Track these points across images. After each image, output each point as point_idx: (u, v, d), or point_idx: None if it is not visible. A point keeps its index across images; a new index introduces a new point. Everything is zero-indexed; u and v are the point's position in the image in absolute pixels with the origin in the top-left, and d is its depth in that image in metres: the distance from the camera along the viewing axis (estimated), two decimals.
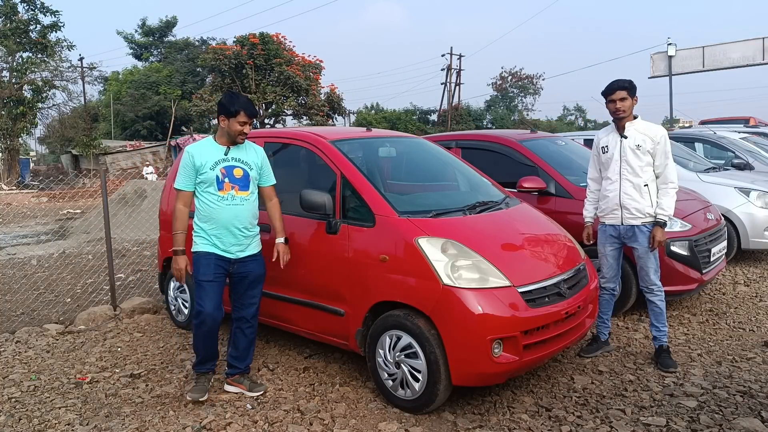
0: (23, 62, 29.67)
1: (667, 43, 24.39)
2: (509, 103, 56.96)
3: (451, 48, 40.25)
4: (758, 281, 6.22)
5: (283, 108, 29.71)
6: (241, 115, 3.43)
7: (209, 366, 3.70)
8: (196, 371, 3.69)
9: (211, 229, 3.47)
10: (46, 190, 22.05)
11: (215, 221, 3.46)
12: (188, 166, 3.43)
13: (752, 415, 3.25)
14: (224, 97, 3.52)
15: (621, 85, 3.87)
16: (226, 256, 3.52)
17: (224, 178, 3.46)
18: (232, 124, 3.45)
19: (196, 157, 3.43)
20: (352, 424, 3.28)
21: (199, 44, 44.24)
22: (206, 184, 3.44)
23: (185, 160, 3.45)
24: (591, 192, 4.25)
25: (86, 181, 27.93)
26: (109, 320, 5.39)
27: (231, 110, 3.42)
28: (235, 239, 3.52)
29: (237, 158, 3.52)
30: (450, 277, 3.16)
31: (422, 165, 4.75)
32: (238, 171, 3.51)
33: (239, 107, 3.43)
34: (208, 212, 3.46)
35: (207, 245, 3.48)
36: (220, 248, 3.50)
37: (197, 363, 3.68)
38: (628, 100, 3.87)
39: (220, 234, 3.48)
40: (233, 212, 3.48)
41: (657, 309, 3.97)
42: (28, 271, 7.93)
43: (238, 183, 3.50)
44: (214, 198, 3.45)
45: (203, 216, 3.48)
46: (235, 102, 3.45)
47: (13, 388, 3.90)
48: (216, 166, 3.44)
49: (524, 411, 3.37)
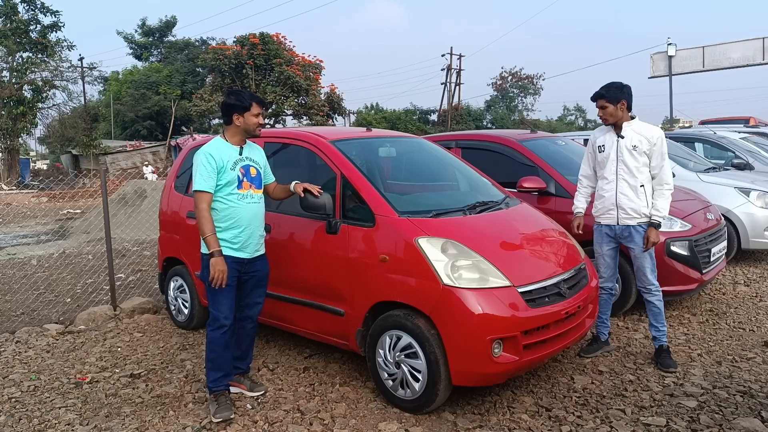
0: (23, 62, 29.67)
1: (667, 43, 24.38)
2: (509, 103, 56.94)
3: (451, 48, 40.30)
4: (758, 281, 6.22)
5: (283, 108, 29.72)
6: (255, 107, 3.44)
7: (226, 382, 3.51)
8: (214, 390, 3.45)
9: (229, 229, 3.40)
10: (46, 190, 22.05)
11: (236, 220, 3.41)
12: (210, 167, 3.35)
13: (752, 415, 3.25)
14: (229, 96, 3.49)
15: (598, 94, 3.95)
16: (241, 257, 3.46)
17: (243, 177, 3.46)
18: (248, 119, 3.44)
19: (216, 158, 3.38)
20: (352, 424, 3.28)
21: (199, 44, 44.23)
22: (227, 184, 3.40)
23: (205, 161, 3.36)
24: (583, 187, 4.27)
25: (86, 181, 27.93)
26: (109, 320, 5.39)
27: (245, 105, 3.42)
28: (253, 238, 3.50)
29: (249, 157, 3.54)
30: (450, 277, 3.16)
31: (422, 165, 4.75)
32: (253, 170, 3.53)
33: (250, 100, 3.45)
34: (229, 212, 3.40)
35: (223, 247, 3.38)
36: (236, 249, 3.43)
37: (213, 380, 3.45)
38: (609, 107, 3.90)
39: (240, 233, 3.42)
40: (254, 210, 3.50)
41: (655, 309, 3.97)
42: (28, 271, 7.93)
43: (254, 182, 3.52)
44: (234, 197, 3.42)
45: (221, 216, 3.40)
46: (244, 96, 3.46)
47: (13, 388, 3.90)
48: (236, 165, 3.43)
49: (524, 411, 3.38)
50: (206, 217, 3.32)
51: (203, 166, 3.36)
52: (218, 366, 3.47)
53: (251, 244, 3.50)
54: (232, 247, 3.42)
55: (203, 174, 3.35)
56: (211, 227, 3.32)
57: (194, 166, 3.43)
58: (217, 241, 3.33)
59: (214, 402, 3.42)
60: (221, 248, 3.34)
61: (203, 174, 3.35)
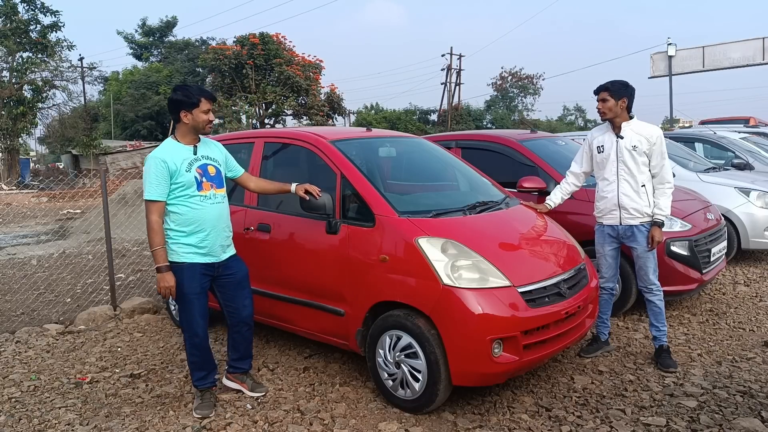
0: (23, 62, 29.66)
1: (667, 43, 24.39)
2: (509, 103, 56.96)
3: (451, 48, 40.33)
4: (758, 281, 6.22)
5: (283, 108, 29.69)
6: (204, 103, 3.28)
7: (211, 380, 3.53)
8: (200, 387, 3.49)
9: (195, 233, 3.29)
10: (46, 190, 22.05)
11: (200, 223, 3.29)
12: (161, 173, 3.19)
13: (752, 415, 3.25)
14: (175, 92, 3.30)
15: (603, 86, 3.95)
16: (210, 262, 3.37)
17: (202, 177, 3.32)
18: (197, 116, 3.28)
19: (168, 162, 3.21)
20: (352, 424, 3.28)
21: (199, 44, 44.21)
22: (184, 187, 3.26)
23: (156, 167, 3.19)
24: (566, 183, 4.29)
25: (86, 181, 27.93)
26: (109, 320, 5.39)
27: (192, 101, 3.25)
28: (220, 239, 3.41)
29: (206, 155, 3.40)
30: (450, 277, 3.16)
31: (422, 165, 4.75)
32: (211, 168, 3.39)
33: (199, 95, 3.27)
34: (192, 215, 3.27)
35: (189, 253, 3.29)
36: (204, 254, 3.33)
37: (198, 378, 3.48)
38: (610, 101, 3.89)
39: (206, 236, 3.31)
40: (218, 211, 3.38)
41: (656, 309, 3.97)
42: (28, 271, 7.93)
43: (214, 181, 3.39)
44: (196, 200, 3.29)
45: (184, 220, 3.26)
46: (192, 92, 3.28)
47: (13, 388, 3.90)
48: (191, 167, 3.29)
49: (524, 411, 3.37)
50: (155, 230, 3.19)
51: (153, 174, 3.19)
52: (200, 366, 3.48)
53: (218, 246, 3.40)
54: (199, 253, 3.32)
55: (152, 182, 3.19)
56: (160, 240, 3.20)
57: (144, 174, 3.25)
58: (165, 255, 3.22)
59: (198, 397, 3.49)
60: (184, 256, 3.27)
61: (152, 182, 3.19)
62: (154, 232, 3.20)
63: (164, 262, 3.22)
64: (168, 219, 3.30)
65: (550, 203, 4.28)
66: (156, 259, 3.21)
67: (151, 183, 3.20)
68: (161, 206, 3.23)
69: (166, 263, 3.23)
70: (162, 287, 3.23)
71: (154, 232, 3.20)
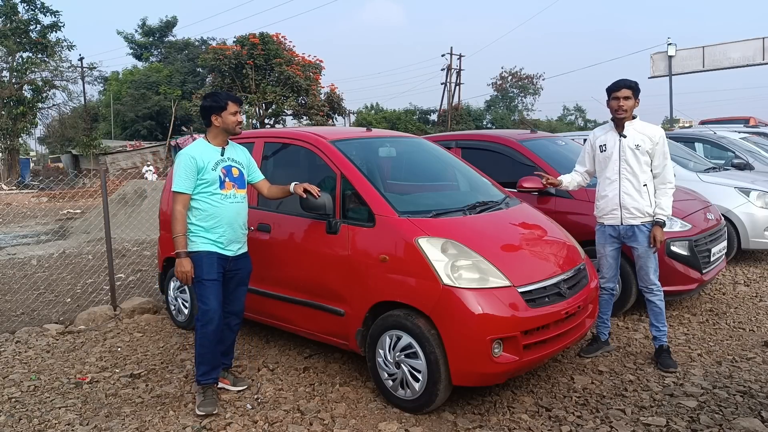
0: (23, 62, 29.69)
1: (667, 43, 24.39)
2: (509, 103, 56.99)
3: (451, 48, 40.34)
4: (758, 281, 6.22)
5: (283, 108, 29.71)
6: (231, 106, 3.53)
7: (214, 375, 3.58)
8: (203, 383, 3.54)
9: (213, 228, 3.49)
10: (46, 190, 22.05)
11: (219, 219, 3.50)
12: (190, 168, 3.45)
13: (752, 415, 3.25)
14: (205, 99, 3.60)
15: (627, 83, 3.89)
16: (225, 255, 3.55)
17: (225, 177, 3.55)
18: (226, 118, 3.52)
19: (198, 159, 3.47)
20: (352, 424, 3.28)
21: (199, 44, 44.27)
22: (209, 184, 3.48)
23: (186, 162, 3.46)
24: (576, 172, 4.27)
25: (86, 181, 27.93)
26: (109, 320, 5.39)
27: (220, 105, 3.51)
28: (236, 236, 3.60)
29: (231, 158, 3.63)
30: (450, 277, 3.16)
31: (422, 165, 4.75)
32: (235, 170, 3.62)
33: (226, 99, 3.54)
34: (212, 211, 3.49)
35: (208, 244, 3.49)
36: (220, 247, 3.52)
37: (203, 373, 3.53)
38: (631, 99, 3.88)
39: (224, 232, 3.51)
40: (236, 209, 3.58)
41: (656, 309, 3.97)
42: (28, 271, 7.93)
43: (236, 182, 3.61)
44: (217, 197, 3.50)
45: (205, 216, 3.49)
46: (220, 97, 3.56)
47: (13, 388, 3.90)
48: (217, 166, 3.52)
49: (524, 411, 3.37)
50: (178, 219, 3.43)
51: (183, 168, 3.45)
52: (207, 360, 3.54)
53: (235, 242, 3.60)
54: (218, 245, 3.52)
55: (182, 176, 3.44)
56: (182, 228, 3.44)
57: (175, 167, 3.54)
58: (185, 243, 3.45)
59: (201, 394, 3.52)
60: (203, 245, 3.46)
61: (182, 176, 3.44)
62: (178, 221, 3.44)
63: (184, 249, 3.44)
64: (190, 214, 3.51)
65: (562, 179, 4.25)
66: (176, 245, 3.44)
67: (180, 176, 3.45)
68: (186, 198, 3.46)
69: (186, 250, 3.45)
70: (179, 272, 3.43)
71: (178, 221, 3.44)
